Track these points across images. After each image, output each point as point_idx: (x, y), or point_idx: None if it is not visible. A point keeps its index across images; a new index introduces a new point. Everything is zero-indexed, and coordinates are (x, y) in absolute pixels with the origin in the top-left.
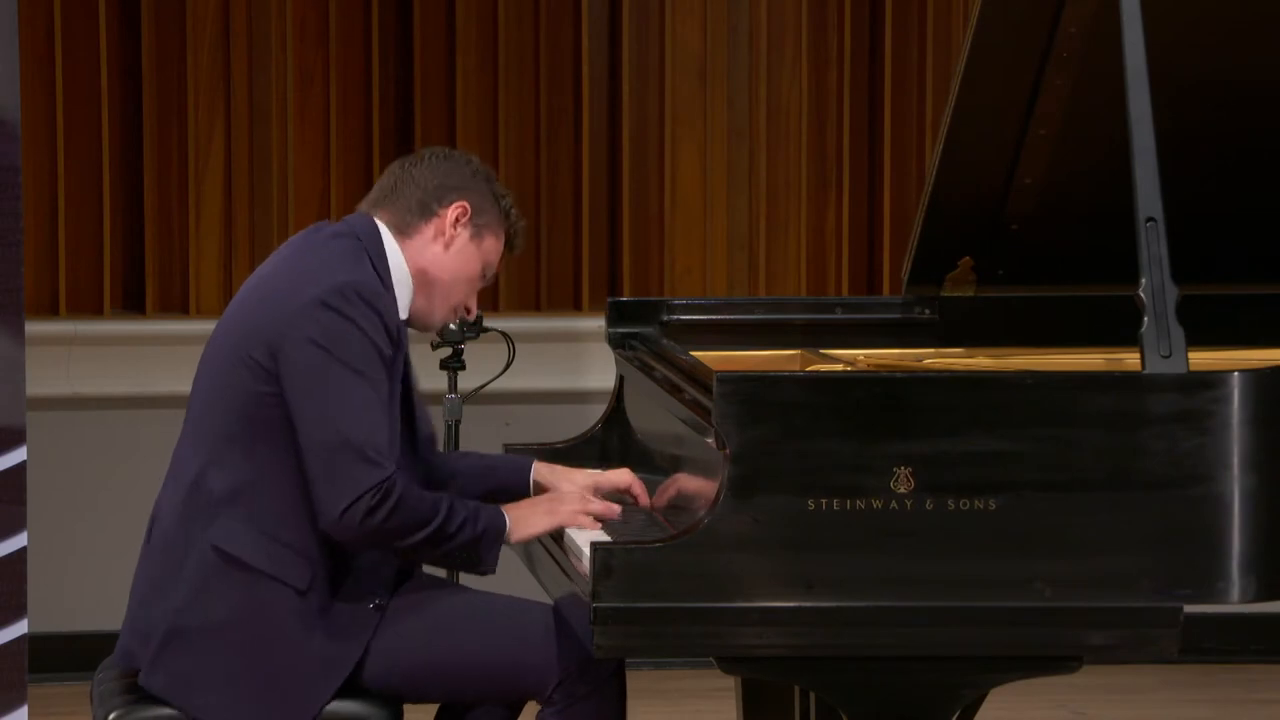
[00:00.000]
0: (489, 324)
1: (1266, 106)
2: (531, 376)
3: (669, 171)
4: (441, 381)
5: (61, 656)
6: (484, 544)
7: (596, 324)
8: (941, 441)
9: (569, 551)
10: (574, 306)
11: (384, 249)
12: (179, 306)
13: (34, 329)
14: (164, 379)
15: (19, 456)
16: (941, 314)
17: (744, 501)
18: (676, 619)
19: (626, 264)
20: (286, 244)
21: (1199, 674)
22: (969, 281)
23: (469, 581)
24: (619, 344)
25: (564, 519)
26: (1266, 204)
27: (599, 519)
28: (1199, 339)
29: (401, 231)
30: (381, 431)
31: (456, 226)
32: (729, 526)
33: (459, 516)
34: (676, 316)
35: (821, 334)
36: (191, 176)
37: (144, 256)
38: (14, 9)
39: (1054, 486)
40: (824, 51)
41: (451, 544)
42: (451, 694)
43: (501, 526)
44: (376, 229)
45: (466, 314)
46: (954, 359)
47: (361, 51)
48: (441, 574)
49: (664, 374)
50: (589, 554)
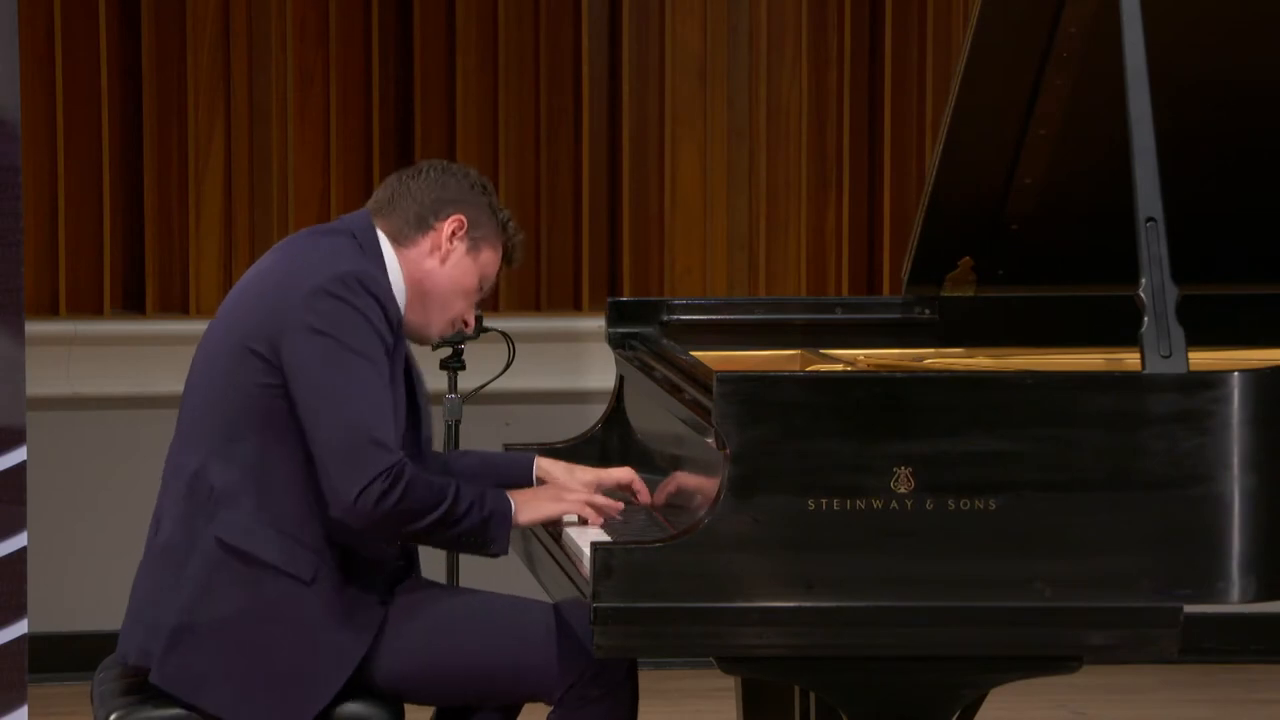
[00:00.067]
0: (489, 324)
1: (1266, 106)
2: (531, 376)
3: (669, 171)
4: (441, 381)
5: (61, 656)
6: (493, 525)
7: (596, 324)
8: (941, 441)
9: (568, 552)
10: (574, 306)
11: (380, 249)
12: (179, 306)
13: (34, 329)
14: (164, 379)
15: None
16: (941, 314)
17: (744, 501)
18: (676, 619)
19: (626, 264)
20: (282, 242)
21: (1199, 674)
22: (969, 281)
23: (470, 582)
24: (619, 344)
25: (569, 506)
26: (1266, 204)
27: (601, 512)
28: (1199, 339)
29: (398, 242)
30: (388, 416)
31: (453, 240)
32: (729, 526)
33: (466, 499)
34: (676, 316)
35: (821, 334)
36: (191, 176)
37: (144, 256)
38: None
39: (1054, 486)
40: (824, 51)
41: (460, 527)
42: (452, 695)
43: (508, 508)
44: (372, 227)
45: (465, 326)
46: (954, 359)
47: (361, 51)
48: (442, 576)
49: (664, 374)
50: (589, 554)
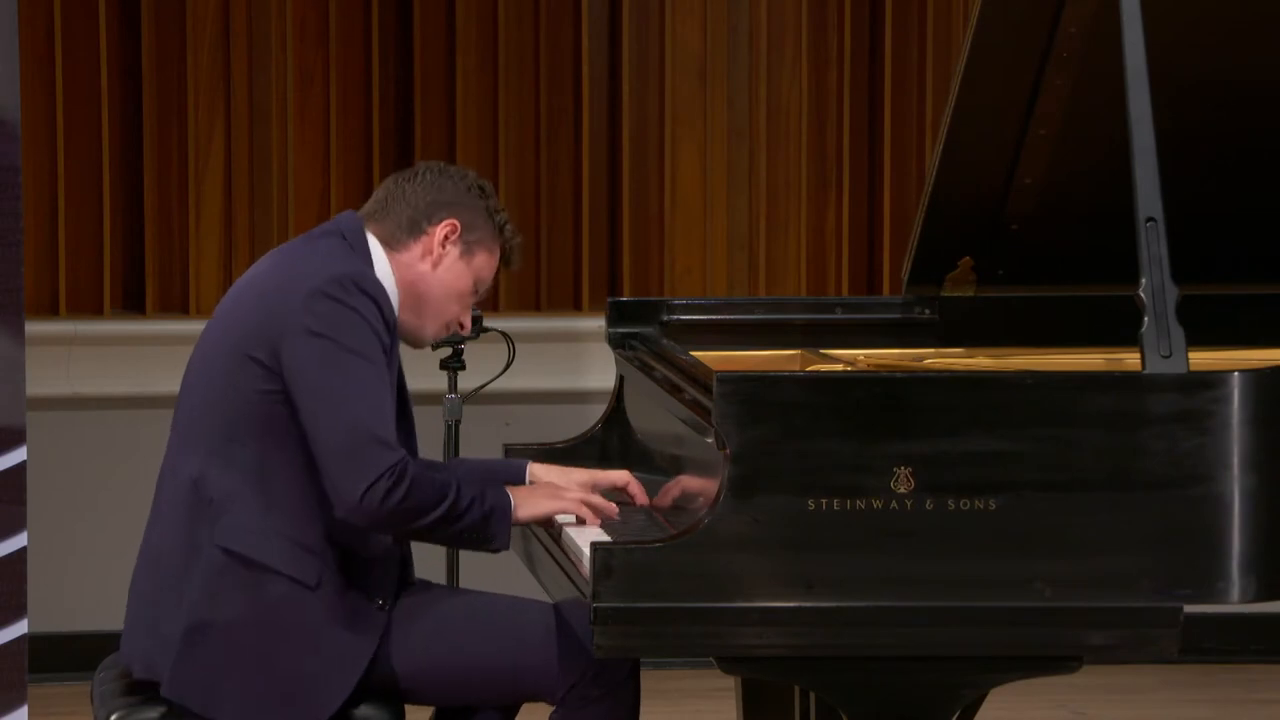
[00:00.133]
0: (489, 324)
1: (1266, 106)
2: (531, 376)
3: (669, 171)
4: (441, 381)
5: (61, 656)
6: (494, 520)
7: (596, 324)
8: (941, 441)
9: (568, 552)
10: (574, 306)
11: (369, 251)
12: (179, 306)
13: (34, 329)
14: (164, 379)
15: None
16: (941, 314)
17: (744, 501)
18: (676, 619)
19: (626, 264)
20: (278, 248)
21: (1199, 674)
22: (969, 281)
23: (470, 582)
24: (619, 344)
25: (567, 506)
26: (1266, 204)
27: (597, 513)
28: (1199, 339)
29: (390, 246)
30: (389, 415)
31: (445, 244)
32: (729, 526)
33: (467, 495)
34: (676, 316)
35: (821, 334)
36: (191, 176)
37: (144, 256)
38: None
39: (1054, 486)
40: (824, 51)
41: (462, 523)
42: (453, 696)
43: (507, 504)
44: (362, 228)
45: (460, 329)
46: (954, 359)
47: (361, 51)
48: (442, 576)
49: (664, 374)
50: (589, 554)
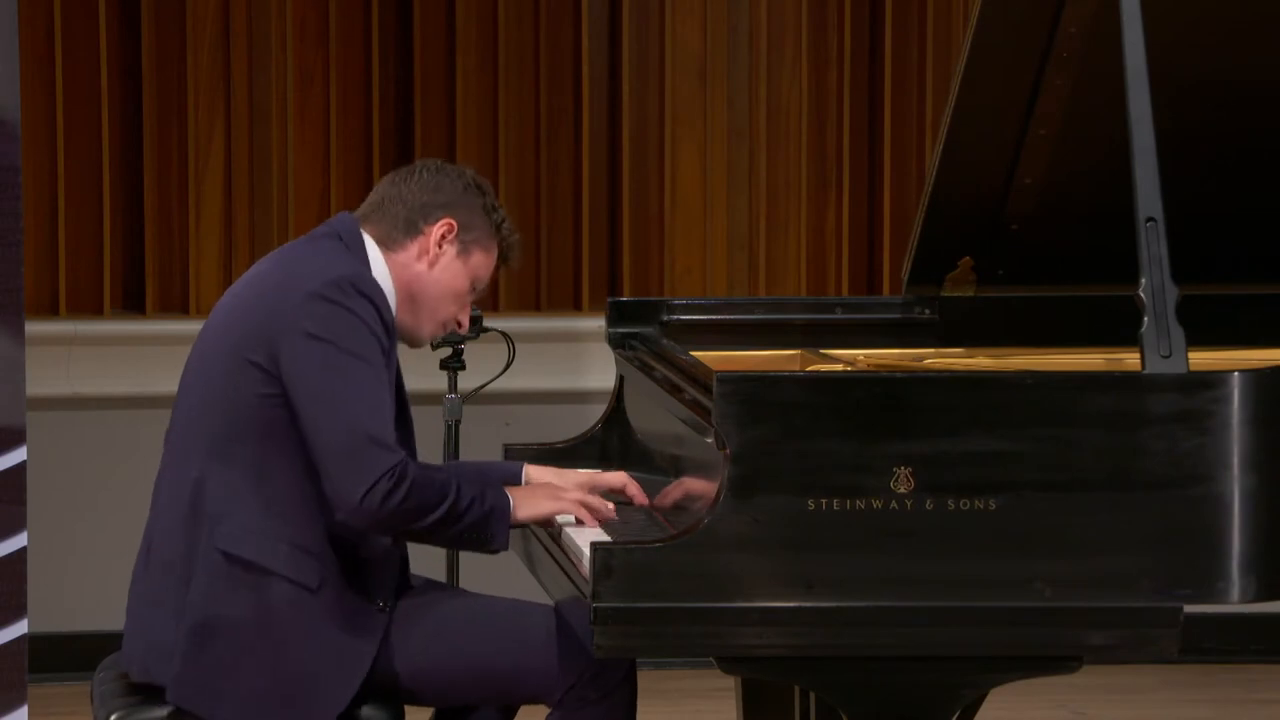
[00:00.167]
0: (489, 324)
1: (1266, 106)
2: (531, 376)
3: (669, 171)
4: (441, 381)
5: (61, 656)
6: (493, 521)
7: (596, 324)
8: (941, 441)
9: (568, 552)
10: (574, 306)
11: (366, 252)
12: (179, 306)
13: (34, 329)
14: (164, 379)
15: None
16: (941, 314)
17: (744, 501)
18: (676, 619)
19: (626, 264)
20: (276, 250)
21: (1199, 674)
22: (969, 281)
23: (470, 583)
24: (619, 344)
25: (565, 506)
26: (1266, 204)
27: (595, 514)
28: (1199, 339)
29: (386, 246)
30: (388, 417)
31: (442, 244)
32: (729, 526)
33: (467, 495)
34: (676, 316)
35: (821, 334)
36: (191, 176)
37: (144, 256)
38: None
39: (1054, 486)
40: (824, 51)
41: (462, 523)
42: (452, 697)
43: (507, 504)
44: (358, 229)
45: (458, 327)
46: (954, 359)
47: (361, 51)
48: (442, 577)
49: (664, 374)
50: (589, 554)
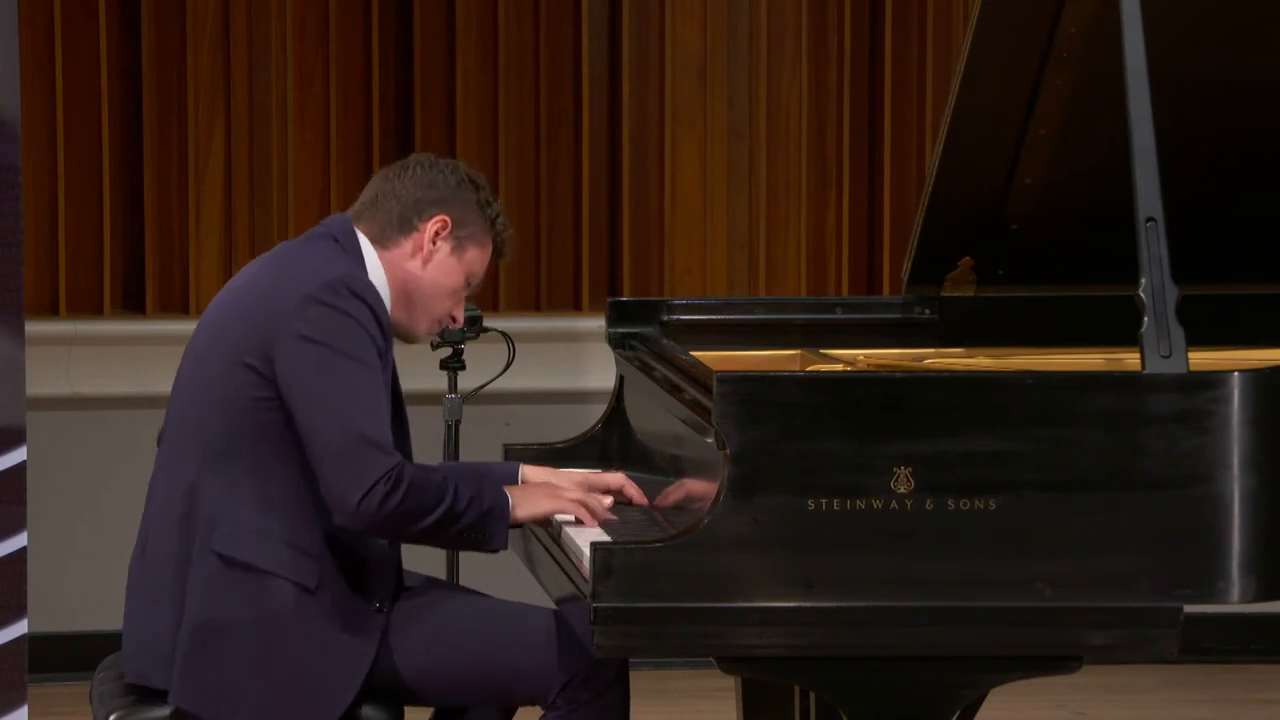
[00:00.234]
0: (489, 324)
1: (1266, 106)
2: (531, 376)
3: (669, 171)
4: (441, 381)
5: (61, 656)
6: (492, 521)
7: (596, 324)
8: (941, 441)
9: (568, 552)
10: (574, 306)
11: (361, 252)
12: (179, 306)
13: (34, 329)
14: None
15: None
16: (941, 314)
17: (744, 501)
18: (676, 619)
19: (626, 264)
20: (270, 251)
21: (1199, 674)
22: (969, 281)
23: (470, 583)
24: (619, 344)
25: (564, 505)
26: (1266, 204)
27: (593, 514)
28: (1199, 339)
29: (380, 244)
30: (385, 419)
31: (436, 241)
32: (729, 526)
33: (465, 496)
34: (676, 316)
35: (821, 334)
36: (191, 176)
37: (144, 256)
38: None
39: (1054, 486)
40: (824, 51)
41: (460, 524)
42: (452, 697)
43: (505, 504)
44: (352, 230)
45: (453, 323)
46: (954, 359)
47: (361, 51)
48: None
49: (664, 374)
50: (589, 554)
